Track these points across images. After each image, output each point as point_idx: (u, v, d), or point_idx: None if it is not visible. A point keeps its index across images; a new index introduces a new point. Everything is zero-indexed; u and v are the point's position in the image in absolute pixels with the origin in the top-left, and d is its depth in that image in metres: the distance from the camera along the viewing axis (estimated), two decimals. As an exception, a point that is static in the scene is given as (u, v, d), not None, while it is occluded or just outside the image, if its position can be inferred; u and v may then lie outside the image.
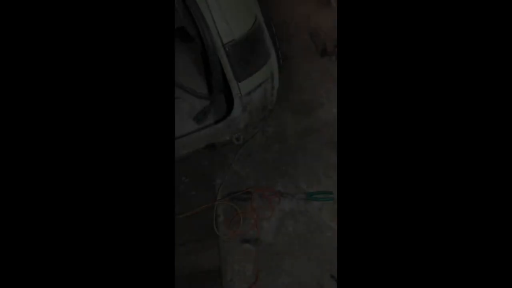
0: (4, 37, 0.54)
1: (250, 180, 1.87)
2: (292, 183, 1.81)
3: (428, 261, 0.56)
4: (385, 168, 0.60)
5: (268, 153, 1.97)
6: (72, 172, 0.57)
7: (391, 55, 0.60)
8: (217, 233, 1.68)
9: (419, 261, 0.57)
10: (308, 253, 1.55)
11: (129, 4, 0.61)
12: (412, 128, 0.58)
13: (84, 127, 0.59)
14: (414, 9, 0.57)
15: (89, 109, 0.59)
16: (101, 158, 0.59)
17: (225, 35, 1.21)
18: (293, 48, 2.57)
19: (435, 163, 0.57)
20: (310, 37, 2.60)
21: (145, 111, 0.62)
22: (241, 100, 1.47)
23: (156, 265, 0.61)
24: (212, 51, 1.23)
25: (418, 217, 0.57)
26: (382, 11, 0.59)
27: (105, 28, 0.60)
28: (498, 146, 0.53)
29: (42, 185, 0.56)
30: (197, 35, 1.25)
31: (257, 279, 1.51)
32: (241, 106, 1.50)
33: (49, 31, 0.57)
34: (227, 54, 1.25)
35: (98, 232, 0.58)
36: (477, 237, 0.54)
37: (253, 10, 1.31)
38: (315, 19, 2.71)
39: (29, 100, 0.56)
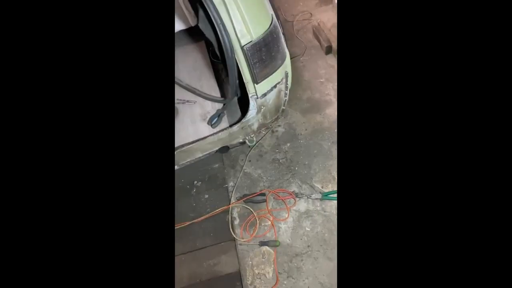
0: (4, 37, 0.53)
1: (262, 181, 1.86)
2: (306, 183, 1.80)
3: (429, 260, 0.56)
4: (386, 167, 0.59)
5: (279, 154, 1.96)
6: (69, 177, 0.56)
7: (393, 52, 0.59)
8: (234, 237, 1.66)
9: (420, 261, 0.56)
10: (327, 253, 1.55)
11: (128, 4, 0.59)
12: (415, 126, 0.58)
13: (81, 128, 0.57)
14: (416, 5, 0.56)
15: (86, 110, 0.58)
16: (98, 162, 0.58)
17: (243, 37, 1.19)
18: (297, 46, 2.56)
19: (436, 160, 0.56)
20: (313, 35, 2.59)
21: (145, 115, 0.61)
22: (256, 102, 1.45)
23: (156, 274, 0.59)
24: (230, 54, 1.21)
25: (419, 216, 0.57)
26: (382, 8, 0.59)
27: (104, 29, 0.58)
28: (498, 145, 0.53)
29: (40, 187, 0.54)
30: (214, 37, 1.22)
31: (277, 282, 1.50)
32: (256, 108, 1.48)
33: (48, 31, 0.55)
34: (245, 56, 1.23)
35: (96, 240, 0.57)
36: (478, 236, 0.53)
37: (269, 11, 1.30)
38: (317, 16, 2.70)
39: (26, 102, 0.54)
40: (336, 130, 2.01)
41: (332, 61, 2.40)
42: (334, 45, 2.38)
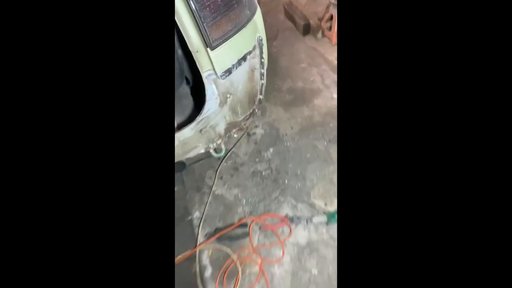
0: (3, 37, 0.51)
1: (241, 205, 1.31)
2: (302, 202, 1.28)
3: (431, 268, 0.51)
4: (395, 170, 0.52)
5: (260, 164, 1.44)
6: (60, 189, 0.51)
7: (395, 42, 0.52)
8: (205, 298, 1.09)
9: (422, 269, 0.51)
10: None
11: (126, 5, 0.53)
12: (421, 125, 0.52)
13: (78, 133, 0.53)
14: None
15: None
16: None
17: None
18: (268, 30, 2.09)
19: (440, 158, 0.51)
20: (285, 14, 2.14)
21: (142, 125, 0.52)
22: (217, 85, 0.91)
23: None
24: None
25: (423, 219, 0.51)
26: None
27: (102, 32, 0.52)
28: (498, 145, 0.50)
29: (36, 191, 0.51)
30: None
31: None
32: (217, 96, 0.94)
33: (45, 40, 0.51)
34: (187, 2, 0.69)
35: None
36: (479, 240, 0.51)
37: None
38: (287, -6, 2.26)
39: (23, 105, 0.51)
40: (331, 125, 1.53)
41: (312, 42, 1.97)
42: (313, 22, 1.93)
